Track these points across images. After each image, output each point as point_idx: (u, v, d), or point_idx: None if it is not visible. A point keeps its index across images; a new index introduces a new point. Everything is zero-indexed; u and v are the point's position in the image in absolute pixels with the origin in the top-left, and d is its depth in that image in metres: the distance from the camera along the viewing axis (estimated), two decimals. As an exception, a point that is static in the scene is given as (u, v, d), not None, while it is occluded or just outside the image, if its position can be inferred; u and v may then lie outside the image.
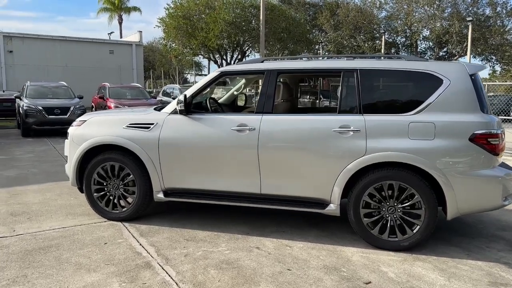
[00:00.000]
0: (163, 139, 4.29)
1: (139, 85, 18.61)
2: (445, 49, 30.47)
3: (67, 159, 4.73)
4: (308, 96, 19.67)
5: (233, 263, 3.50)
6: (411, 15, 27.82)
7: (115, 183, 4.52)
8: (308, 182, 3.96)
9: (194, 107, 4.56)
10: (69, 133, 4.74)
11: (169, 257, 3.62)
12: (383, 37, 29.00)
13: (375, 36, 31.55)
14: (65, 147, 4.78)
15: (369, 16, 29.74)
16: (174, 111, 4.33)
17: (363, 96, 3.90)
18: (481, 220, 4.81)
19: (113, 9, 42.74)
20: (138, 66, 32.51)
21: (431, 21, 27.44)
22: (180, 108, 4.20)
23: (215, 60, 30.18)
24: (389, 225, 3.81)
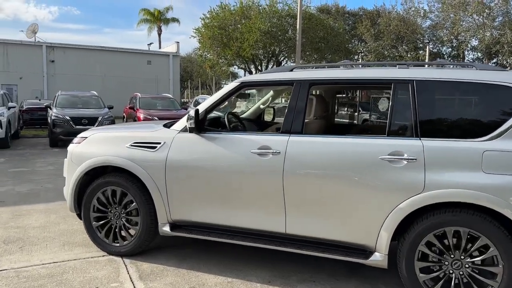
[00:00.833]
0: (170, 161, 3.58)
1: (170, 95, 18.27)
2: (495, 60, 28.44)
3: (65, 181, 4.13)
4: (345, 108, 18.63)
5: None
6: (458, 24, 26.16)
7: (116, 211, 3.86)
8: (346, 223, 3.11)
9: (210, 123, 3.84)
10: (68, 151, 4.13)
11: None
12: (427, 47, 27.44)
13: (418, 46, 29.98)
14: (64, 167, 4.18)
15: (412, 25, 28.25)
16: (184, 128, 3.62)
17: (421, 114, 3.01)
18: None
19: (153, 20, 43.31)
20: (174, 77, 32.51)
21: (480, 30, 25.66)
22: (191, 125, 3.47)
23: (249, 71, 29.63)
24: (453, 284, 2.89)
